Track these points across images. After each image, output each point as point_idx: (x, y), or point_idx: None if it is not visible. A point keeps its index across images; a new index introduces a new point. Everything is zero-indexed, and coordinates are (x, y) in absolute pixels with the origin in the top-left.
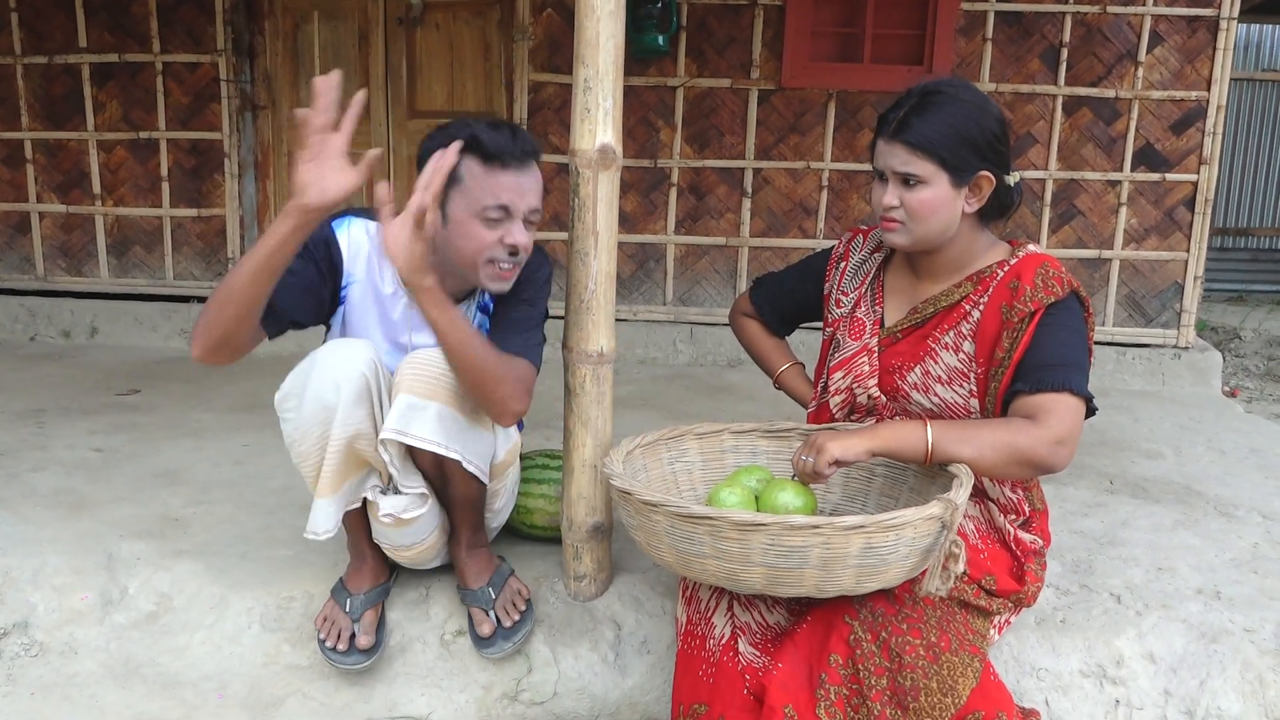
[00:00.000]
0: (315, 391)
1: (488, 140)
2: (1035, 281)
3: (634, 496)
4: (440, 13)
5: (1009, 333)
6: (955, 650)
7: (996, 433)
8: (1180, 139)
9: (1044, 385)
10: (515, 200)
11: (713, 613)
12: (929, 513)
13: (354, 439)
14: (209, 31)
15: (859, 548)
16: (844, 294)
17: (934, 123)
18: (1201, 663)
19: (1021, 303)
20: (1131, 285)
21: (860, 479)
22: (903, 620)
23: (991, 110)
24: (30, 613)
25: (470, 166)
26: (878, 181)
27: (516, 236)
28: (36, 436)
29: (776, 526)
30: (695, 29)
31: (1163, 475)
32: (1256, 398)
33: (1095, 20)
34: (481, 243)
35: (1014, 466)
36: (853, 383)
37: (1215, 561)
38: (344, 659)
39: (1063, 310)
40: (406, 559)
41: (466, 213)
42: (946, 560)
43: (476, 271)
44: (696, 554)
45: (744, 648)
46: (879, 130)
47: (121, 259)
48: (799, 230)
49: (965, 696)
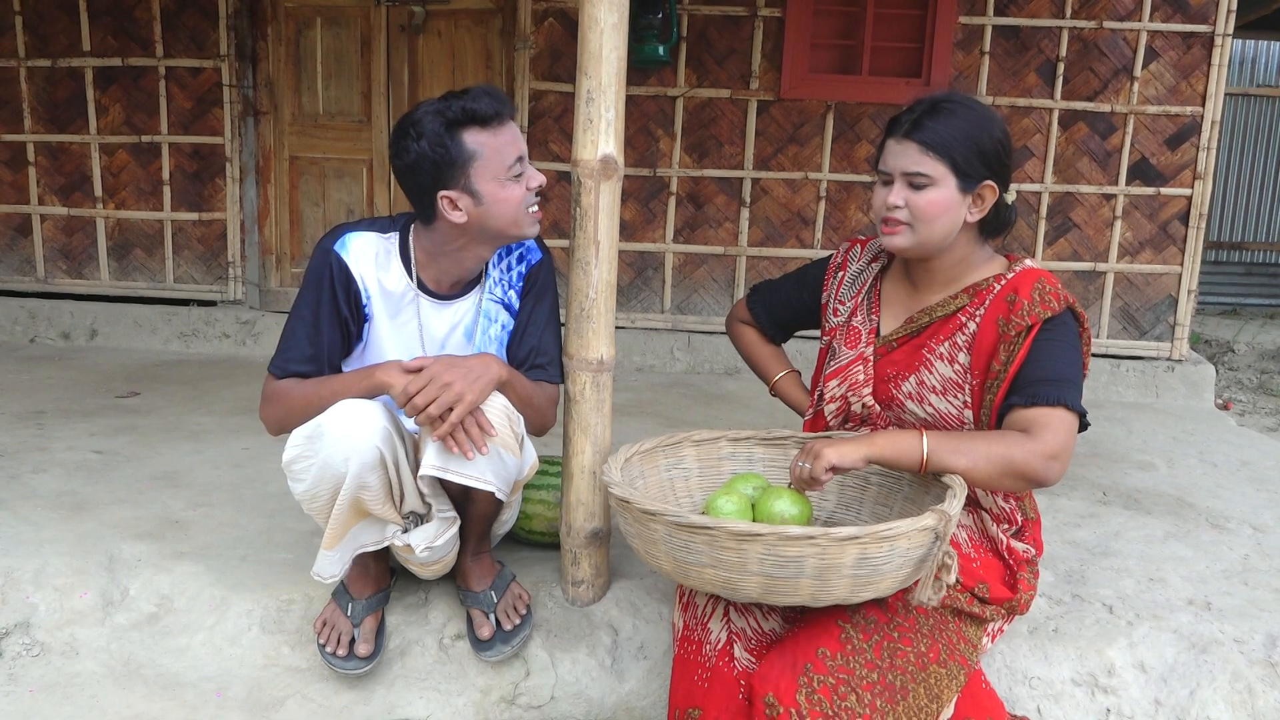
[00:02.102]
0: (326, 461)
1: (480, 108)
2: (1032, 296)
3: (632, 505)
4: (442, 20)
5: (1005, 346)
6: (943, 662)
7: (992, 445)
8: (1175, 153)
9: (1039, 400)
10: (522, 149)
11: (709, 619)
12: (923, 524)
13: (362, 501)
14: (212, 36)
15: (854, 558)
16: (841, 303)
17: (948, 125)
18: (1191, 672)
19: (1019, 317)
20: (1126, 298)
21: (855, 487)
22: (894, 629)
23: (999, 123)
24: (32, 613)
25: (476, 138)
26: (881, 185)
27: (538, 178)
28: (37, 438)
29: (773, 537)
30: (695, 40)
31: (1155, 487)
32: (1249, 411)
33: (1092, 35)
34: (518, 198)
35: (1007, 479)
36: (847, 391)
37: (1206, 573)
38: (343, 664)
39: (1059, 326)
40: (432, 572)
41: (494, 181)
42: (939, 571)
43: (520, 227)
44: (694, 563)
45: (739, 653)
46: (889, 131)
47: (122, 262)
48: (797, 240)
49: (950, 704)
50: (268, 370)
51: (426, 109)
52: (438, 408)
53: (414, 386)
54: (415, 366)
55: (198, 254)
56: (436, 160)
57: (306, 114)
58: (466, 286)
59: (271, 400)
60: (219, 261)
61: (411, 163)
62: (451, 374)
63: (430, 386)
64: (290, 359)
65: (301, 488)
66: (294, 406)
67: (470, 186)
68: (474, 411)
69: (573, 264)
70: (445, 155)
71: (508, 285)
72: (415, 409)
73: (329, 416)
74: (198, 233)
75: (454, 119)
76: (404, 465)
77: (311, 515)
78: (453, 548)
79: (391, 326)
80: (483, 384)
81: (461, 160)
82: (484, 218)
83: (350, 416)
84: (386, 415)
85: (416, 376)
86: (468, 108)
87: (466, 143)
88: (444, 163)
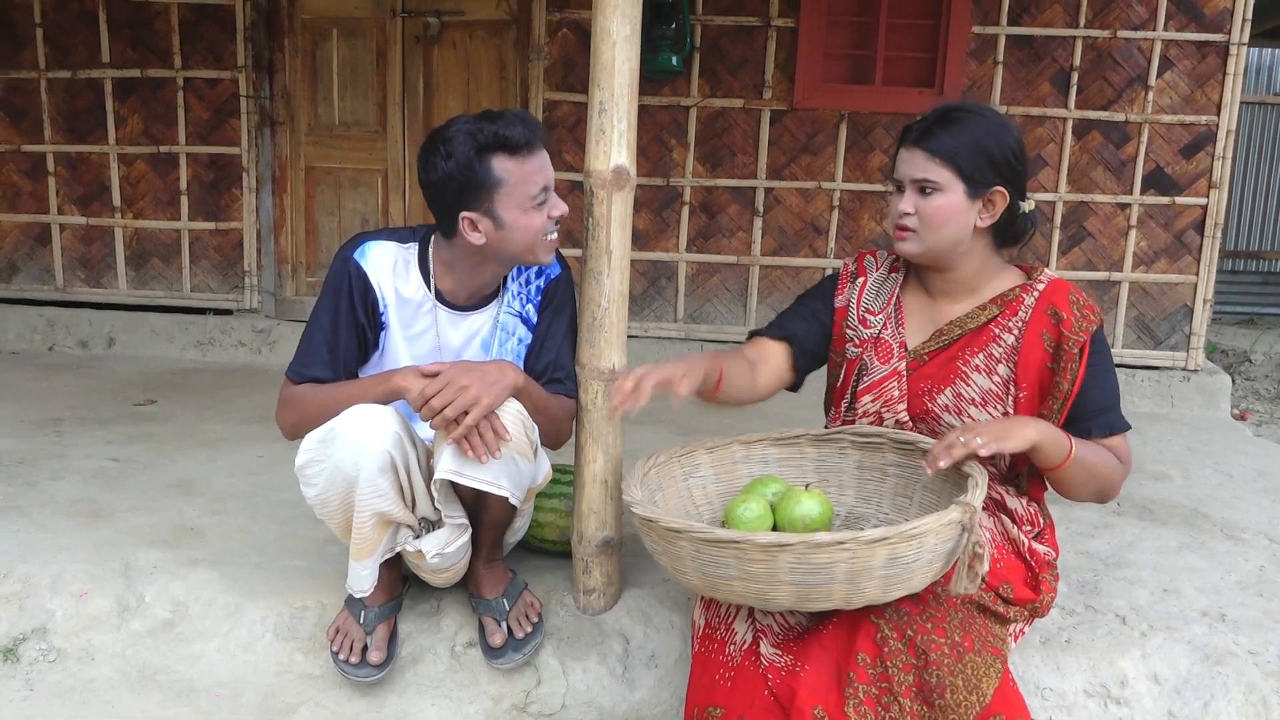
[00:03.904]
0: (337, 465)
1: (512, 135)
2: (1074, 312)
3: (657, 524)
4: (457, 32)
5: (1065, 365)
6: (979, 650)
7: (1108, 461)
8: (1190, 163)
9: (1114, 429)
10: (549, 178)
11: (734, 619)
12: (949, 518)
13: (382, 513)
14: (230, 48)
15: (884, 559)
16: (870, 313)
17: (955, 133)
18: (1205, 684)
19: (1072, 333)
20: (1141, 308)
21: (874, 480)
22: (927, 619)
23: (1012, 131)
24: (49, 619)
25: (505, 165)
26: (895, 193)
27: (560, 207)
28: (55, 445)
29: (802, 545)
30: (709, 50)
31: (1170, 497)
32: (1266, 421)
33: (1106, 45)
34: (538, 226)
35: (1095, 493)
36: (882, 407)
37: (1221, 584)
38: (356, 671)
39: (1101, 342)
40: (443, 580)
41: (518, 209)
42: (971, 560)
43: (535, 253)
44: (723, 576)
45: (765, 649)
46: (901, 140)
47: (140, 271)
48: (810, 249)
49: (990, 695)
50: (285, 375)
51: (460, 128)
52: (454, 410)
53: (431, 389)
54: (432, 371)
55: (214, 263)
56: (463, 182)
57: (322, 124)
58: (484, 299)
59: (288, 405)
60: (235, 271)
61: (438, 180)
62: (468, 378)
63: (447, 389)
64: (308, 364)
65: (313, 492)
66: (310, 411)
67: (493, 211)
68: (489, 416)
69: (585, 274)
70: (472, 179)
71: (525, 299)
72: (432, 411)
73: (341, 420)
74: (214, 242)
75: (485, 143)
76: (415, 471)
77: (324, 520)
78: (464, 555)
79: (408, 336)
80: (499, 389)
81: (488, 185)
82: (502, 242)
83: (362, 420)
84: (399, 420)
85: (433, 380)
86: (500, 134)
87: (494, 169)
88: (469, 186)
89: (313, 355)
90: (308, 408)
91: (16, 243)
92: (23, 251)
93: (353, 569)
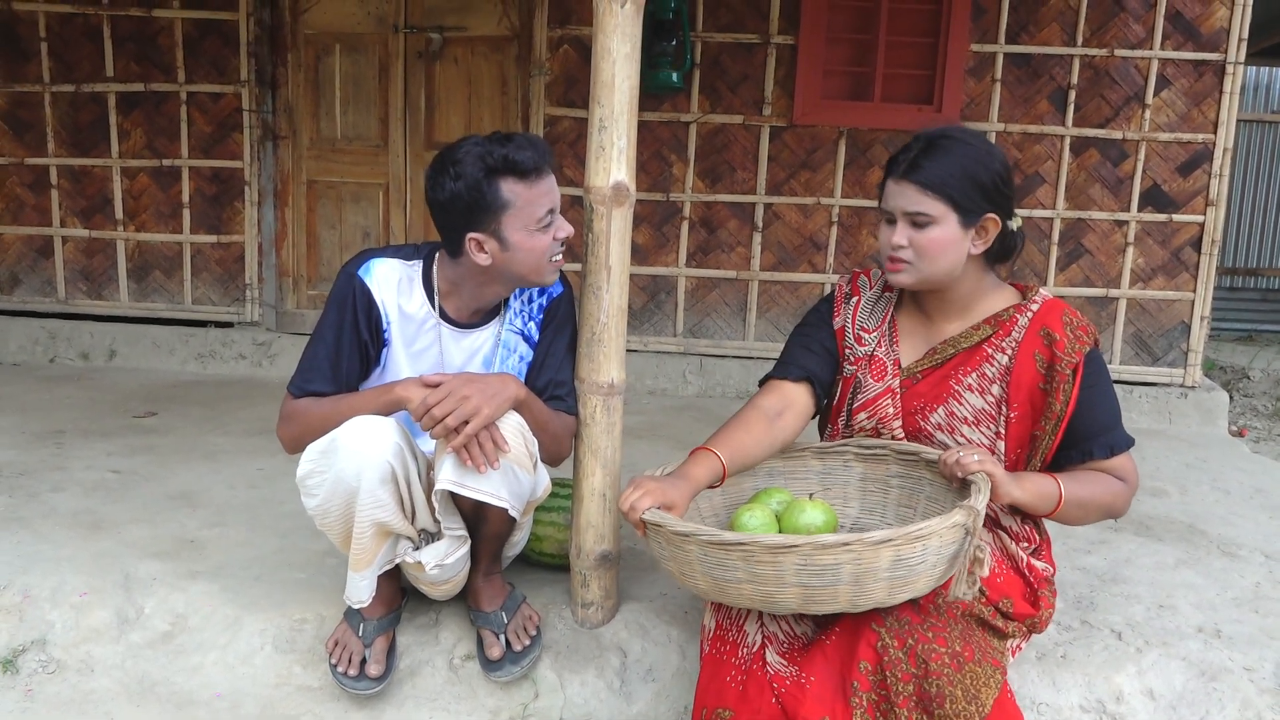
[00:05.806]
0: (338, 475)
1: (521, 159)
2: (1067, 333)
3: (664, 528)
4: (459, 47)
5: (1058, 386)
6: (979, 661)
7: (1102, 495)
8: (1187, 180)
9: (1116, 449)
10: (556, 200)
11: (745, 620)
12: (953, 520)
13: (382, 523)
14: (233, 62)
15: (889, 560)
16: (865, 330)
17: (944, 164)
18: (1201, 700)
19: (1065, 354)
20: (1138, 324)
21: (877, 491)
22: (928, 629)
23: (997, 155)
24: (48, 630)
25: (513, 188)
26: (885, 224)
27: (566, 229)
28: (56, 457)
29: (808, 546)
30: (709, 66)
31: (1167, 514)
32: (1264, 438)
33: (1103, 63)
34: (543, 248)
35: (1099, 520)
36: (877, 424)
37: (1217, 600)
38: (354, 684)
39: (1096, 360)
40: (442, 592)
41: (524, 231)
42: (971, 565)
43: (540, 274)
44: (731, 580)
45: (771, 657)
46: (888, 172)
47: (141, 283)
48: (809, 265)
49: (989, 706)
50: (286, 389)
51: (469, 150)
52: (455, 419)
53: (433, 399)
54: (434, 381)
55: (216, 276)
56: (470, 203)
57: (324, 138)
58: (487, 316)
59: (289, 419)
60: (237, 284)
61: (445, 200)
62: (470, 389)
63: (449, 399)
64: (309, 379)
65: (314, 503)
66: (311, 424)
67: (499, 233)
68: (490, 427)
69: (585, 288)
70: (479, 200)
71: (528, 317)
72: (433, 420)
73: (343, 431)
74: (216, 255)
75: (494, 166)
76: (415, 482)
77: (324, 531)
78: (463, 567)
79: (411, 353)
80: (500, 400)
81: (495, 208)
82: (508, 263)
83: (364, 431)
84: (400, 432)
85: (435, 390)
86: (510, 157)
87: (502, 192)
88: (477, 207)
89: (315, 370)
90: (309, 421)
91: (19, 254)
92: (25, 263)
93: (351, 579)
